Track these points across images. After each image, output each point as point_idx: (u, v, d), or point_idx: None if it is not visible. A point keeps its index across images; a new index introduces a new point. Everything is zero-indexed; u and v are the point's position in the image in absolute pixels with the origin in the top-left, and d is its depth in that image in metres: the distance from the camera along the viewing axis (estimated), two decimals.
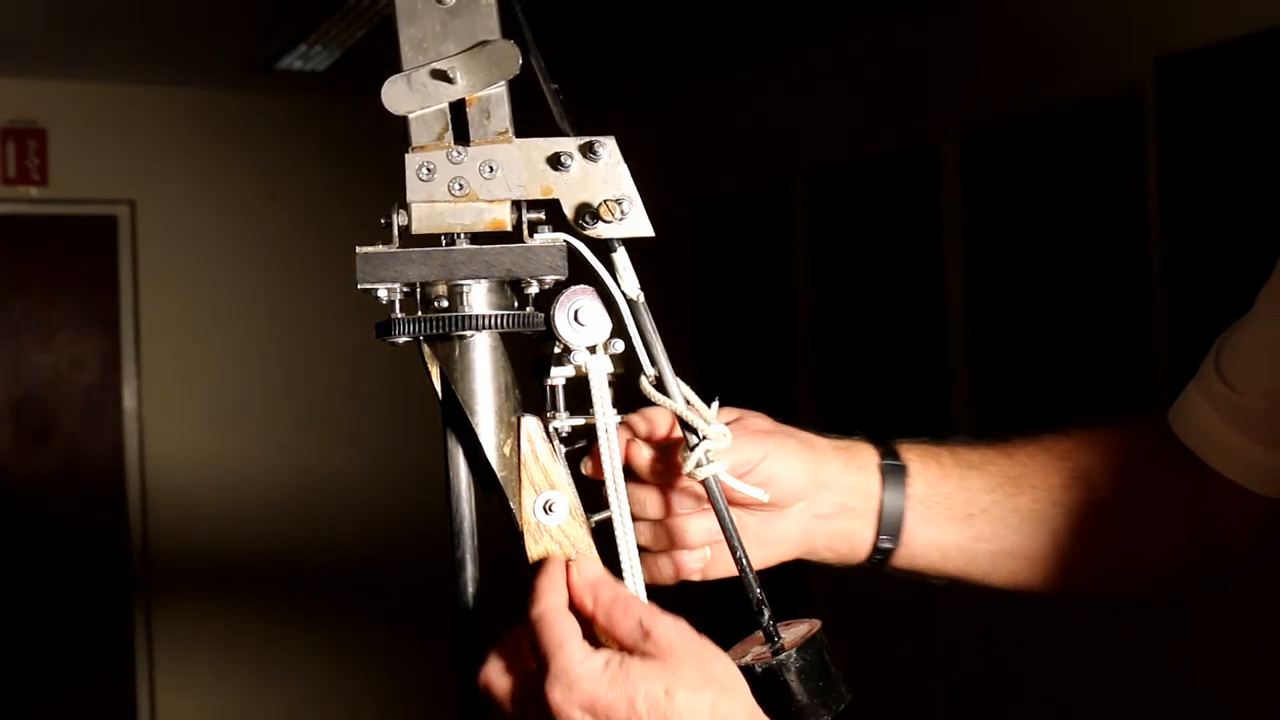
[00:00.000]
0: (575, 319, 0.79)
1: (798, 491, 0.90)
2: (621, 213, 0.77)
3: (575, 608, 0.75)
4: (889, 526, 0.95)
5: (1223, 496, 0.98)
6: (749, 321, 5.61)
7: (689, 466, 0.79)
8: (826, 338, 5.09)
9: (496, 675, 0.74)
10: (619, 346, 0.80)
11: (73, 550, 4.85)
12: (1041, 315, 4.34)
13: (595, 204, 0.77)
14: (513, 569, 0.80)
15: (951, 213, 4.37)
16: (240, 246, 5.03)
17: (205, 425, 4.97)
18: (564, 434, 0.81)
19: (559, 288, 0.79)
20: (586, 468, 0.82)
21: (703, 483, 0.81)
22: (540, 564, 0.77)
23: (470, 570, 0.80)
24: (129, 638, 4.89)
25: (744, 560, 0.79)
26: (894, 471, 0.95)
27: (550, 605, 0.74)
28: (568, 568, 0.76)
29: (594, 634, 0.73)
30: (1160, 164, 3.59)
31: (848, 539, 0.95)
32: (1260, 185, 3.31)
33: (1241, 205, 3.37)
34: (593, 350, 0.79)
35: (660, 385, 0.81)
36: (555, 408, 0.81)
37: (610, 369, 0.80)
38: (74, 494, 4.87)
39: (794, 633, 0.79)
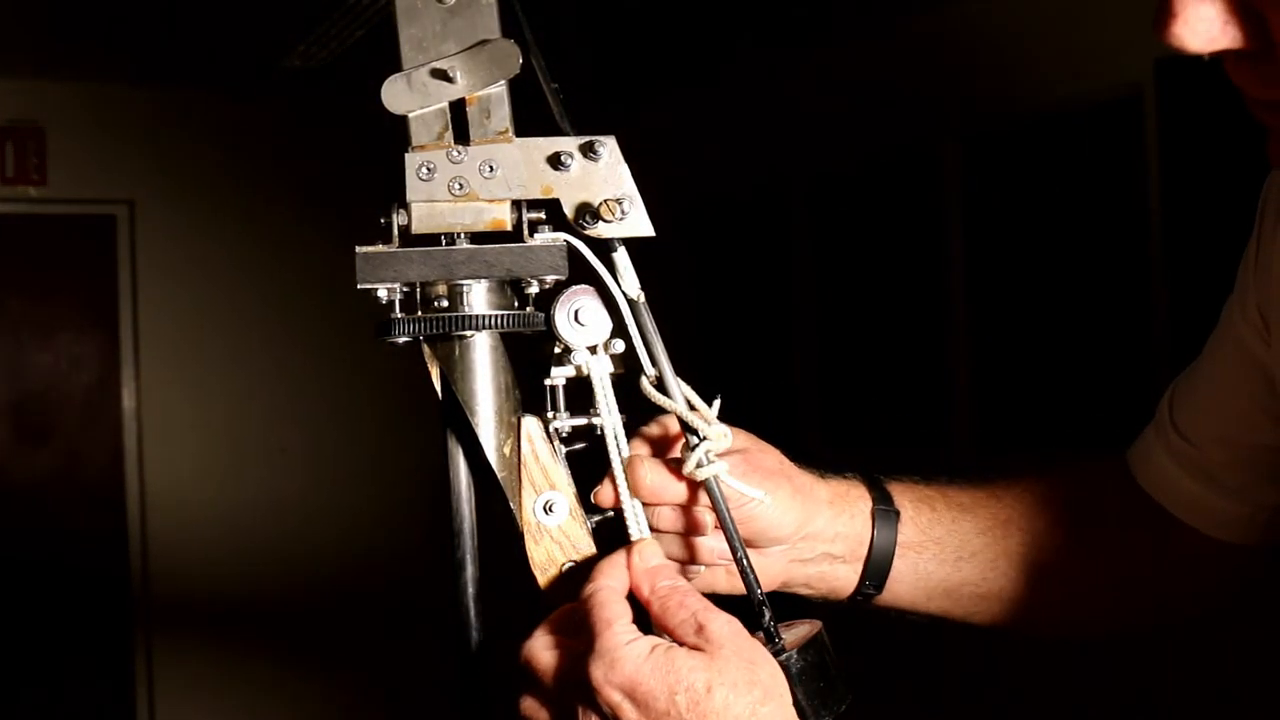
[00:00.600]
0: (575, 319, 0.78)
1: (778, 538, 0.88)
2: (622, 212, 0.77)
3: (632, 597, 0.74)
4: (874, 572, 0.94)
5: (1188, 543, 0.98)
6: (749, 321, 5.61)
7: (689, 467, 0.79)
8: (827, 337, 5.09)
9: (540, 650, 0.73)
10: (619, 346, 0.80)
11: (71, 549, 4.85)
12: (1041, 315, 4.34)
13: (596, 203, 0.77)
14: (513, 569, 0.80)
15: (952, 213, 4.37)
16: (239, 246, 5.03)
17: (204, 425, 4.97)
18: (564, 434, 0.81)
19: (559, 288, 0.79)
20: (598, 496, 0.81)
21: (703, 484, 0.80)
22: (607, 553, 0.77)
23: (470, 571, 0.80)
24: (128, 639, 4.89)
25: (745, 561, 0.79)
26: (886, 517, 0.94)
27: (605, 585, 0.73)
28: (630, 553, 0.76)
29: (648, 628, 0.73)
30: (1160, 164, 3.59)
31: (829, 581, 0.94)
32: (1260, 186, 3.31)
33: (1241, 206, 3.36)
34: (593, 350, 0.79)
35: (660, 385, 0.80)
36: (555, 408, 0.81)
37: (610, 369, 0.80)
38: (72, 493, 4.87)
39: (795, 633, 0.78)
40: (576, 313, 0.78)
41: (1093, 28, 3.88)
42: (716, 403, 0.83)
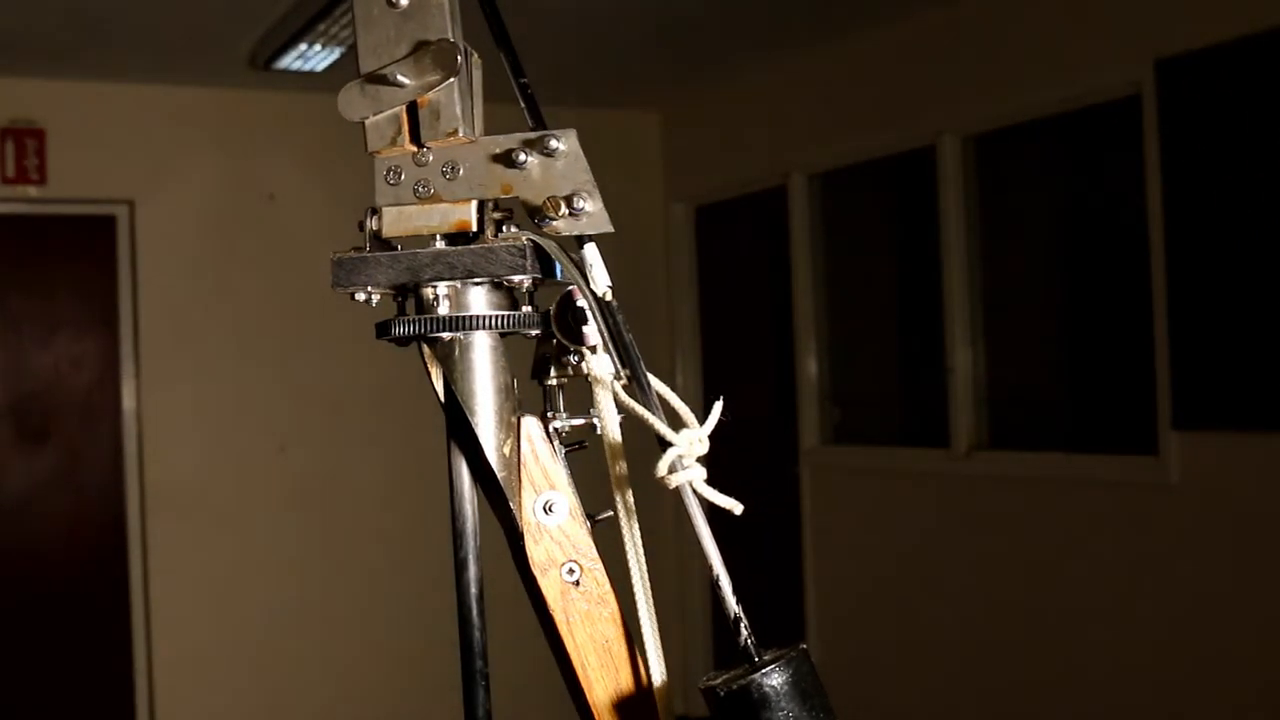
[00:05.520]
0: (575, 319, 0.78)
1: None
2: (570, 209, 0.76)
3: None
4: None
5: None
6: (750, 320, 5.61)
7: (660, 472, 0.75)
8: (828, 336, 5.09)
9: None
10: None
11: (70, 549, 4.85)
12: (1041, 314, 4.34)
13: (540, 201, 0.76)
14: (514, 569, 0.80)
15: (951, 212, 4.38)
16: (239, 246, 5.03)
17: (204, 424, 4.97)
18: (564, 434, 0.80)
19: (560, 287, 0.79)
20: None
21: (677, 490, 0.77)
22: None
23: (473, 570, 0.80)
24: (128, 639, 4.89)
25: (721, 574, 0.75)
26: None
27: None
28: None
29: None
30: (1160, 164, 3.59)
31: None
32: (1260, 186, 3.31)
33: (1242, 206, 3.37)
34: (593, 350, 0.79)
35: (632, 387, 0.78)
36: (555, 408, 0.80)
37: (610, 369, 0.79)
38: (73, 493, 4.87)
39: (776, 653, 0.74)
40: (576, 313, 0.78)
41: (1092, 27, 3.88)
42: (718, 405, 0.80)
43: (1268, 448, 3.34)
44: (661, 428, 0.75)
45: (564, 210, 0.75)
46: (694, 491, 0.75)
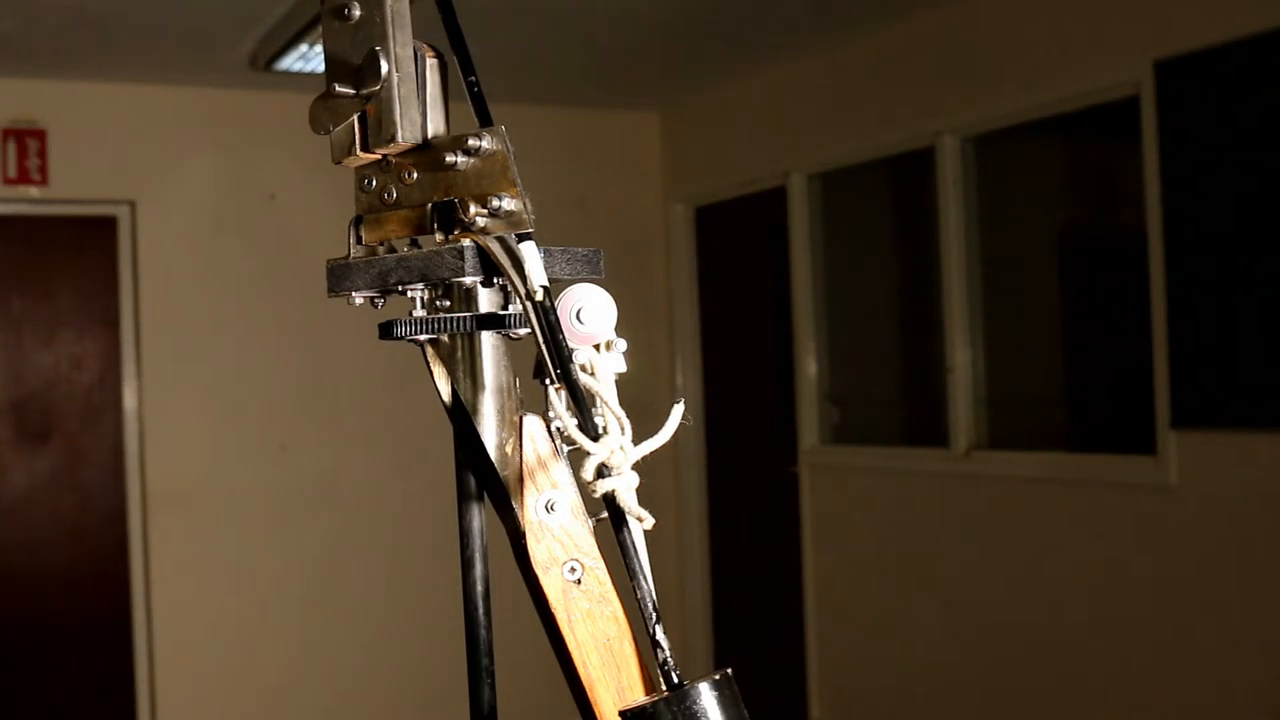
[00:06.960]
0: (577, 317, 0.78)
1: None
2: (487, 210, 0.76)
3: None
4: None
5: None
6: (750, 320, 5.61)
7: (587, 476, 0.73)
8: (828, 336, 5.10)
9: None
10: (623, 344, 0.80)
11: (71, 549, 4.85)
12: (1041, 314, 4.34)
13: (467, 200, 0.76)
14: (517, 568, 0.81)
15: (951, 212, 4.38)
16: (240, 246, 5.03)
17: (205, 424, 4.97)
18: (565, 433, 0.81)
19: (562, 286, 0.79)
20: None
21: (604, 498, 0.74)
22: None
23: (479, 569, 0.80)
24: (128, 637, 4.89)
25: (642, 589, 0.72)
26: None
27: None
28: None
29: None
30: (1160, 165, 3.59)
31: None
32: (1260, 186, 3.31)
33: (1241, 206, 3.37)
34: (596, 348, 0.79)
35: (563, 392, 0.77)
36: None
37: (619, 367, 0.79)
38: (74, 493, 4.88)
39: (700, 677, 0.71)
40: (579, 311, 0.78)
41: (1092, 28, 3.88)
42: (677, 409, 0.77)
43: (1268, 448, 3.34)
44: (577, 435, 0.73)
45: (474, 209, 0.75)
46: (619, 500, 0.72)
